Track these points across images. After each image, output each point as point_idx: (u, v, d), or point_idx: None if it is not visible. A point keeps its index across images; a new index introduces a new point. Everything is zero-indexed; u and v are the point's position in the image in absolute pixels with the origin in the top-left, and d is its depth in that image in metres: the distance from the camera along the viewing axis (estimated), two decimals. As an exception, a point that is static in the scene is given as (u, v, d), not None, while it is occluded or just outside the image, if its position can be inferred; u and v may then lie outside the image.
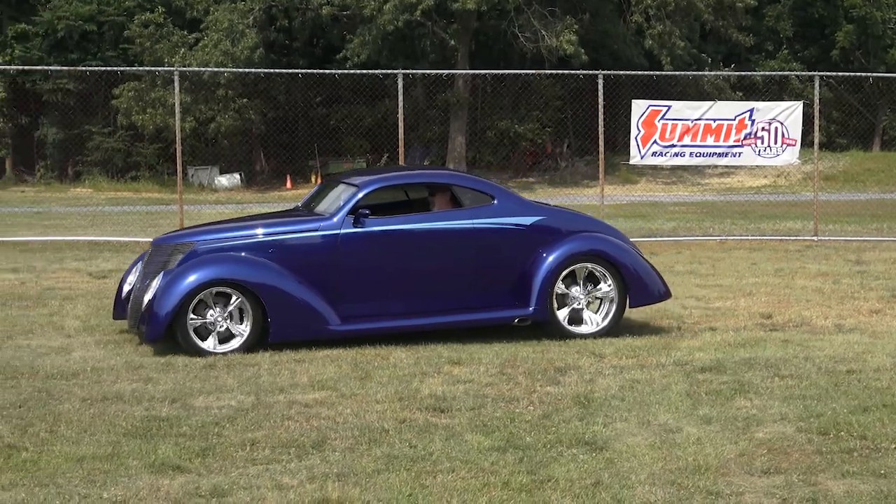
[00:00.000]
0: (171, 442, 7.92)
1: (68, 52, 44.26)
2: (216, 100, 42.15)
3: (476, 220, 11.94)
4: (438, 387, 9.58)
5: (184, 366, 10.43)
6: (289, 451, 7.73)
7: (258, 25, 41.85)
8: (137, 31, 43.12)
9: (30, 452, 7.68)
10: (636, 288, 12.15)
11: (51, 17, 44.14)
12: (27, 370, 10.24)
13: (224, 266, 11.32)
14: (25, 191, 40.69)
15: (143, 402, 9.07)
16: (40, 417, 8.59)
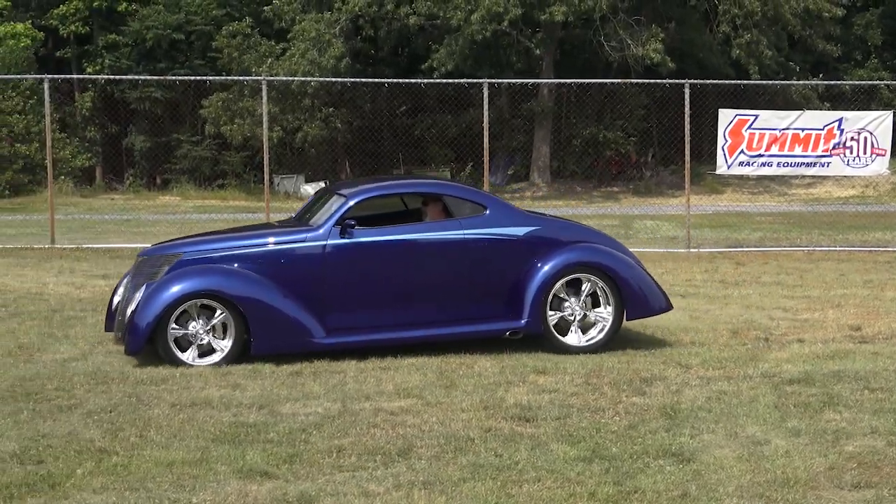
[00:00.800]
0: (259, 448, 7.99)
1: (156, 62, 44.84)
2: (302, 109, 42.47)
3: (467, 231, 11.72)
4: (524, 396, 9.58)
5: (271, 373, 10.52)
6: (375, 459, 7.76)
7: (344, 35, 42.10)
8: (225, 42, 43.59)
9: (120, 457, 7.78)
10: (633, 300, 11.86)
11: (140, 27, 44.74)
12: (117, 375, 10.39)
13: (205, 278, 11.18)
14: (115, 198, 41.24)
15: (231, 407, 9.16)
16: (130, 422, 8.71)
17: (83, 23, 46.39)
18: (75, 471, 7.43)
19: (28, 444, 8.07)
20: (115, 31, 46.14)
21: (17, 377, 10.27)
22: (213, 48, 44.35)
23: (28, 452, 7.86)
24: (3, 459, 7.69)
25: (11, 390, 9.77)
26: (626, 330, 12.63)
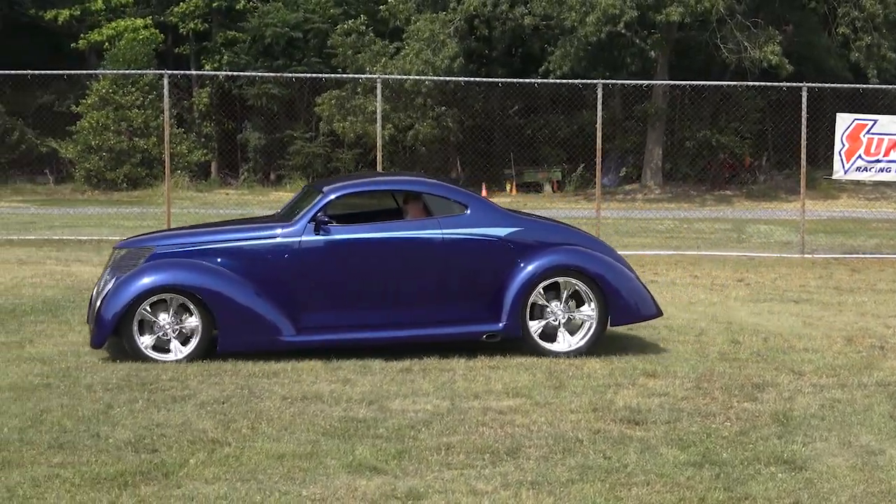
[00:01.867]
0: (368, 443, 8.04)
1: (274, 59, 45.32)
2: (415, 108, 42.65)
3: (446, 230, 11.45)
4: (633, 399, 9.52)
5: (381, 369, 10.58)
6: (483, 457, 7.77)
7: (458, 35, 42.19)
8: (339, 41, 43.93)
9: (232, 448, 7.89)
10: (618, 305, 11.50)
11: (258, 24, 45.27)
12: (230, 367, 10.53)
13: (172, 272, 11.05)
14: (229, 193, 41.80)
15: (341, 402, 9.24)
16: (242, 414, 8.82)
17: (202, 20, 47.07)
18: (188, 460, 7.55)
19: (143, 432, 8.22)
20: (234, 29, 46.73)
21: (134, 367, 10.46)
22: (329, 46, 44.71)
23: (143, 441, 8.00)
24: (119, 447, 7.84)
25: (127, 380, 9.96)
26: (737, 334, 12.50)
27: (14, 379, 9.90)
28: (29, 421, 8.47)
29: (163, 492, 6.94)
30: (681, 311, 14.35)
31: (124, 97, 42.54)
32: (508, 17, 42.10)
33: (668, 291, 16.24)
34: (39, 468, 7.33)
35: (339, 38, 43.94)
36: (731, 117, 44.71)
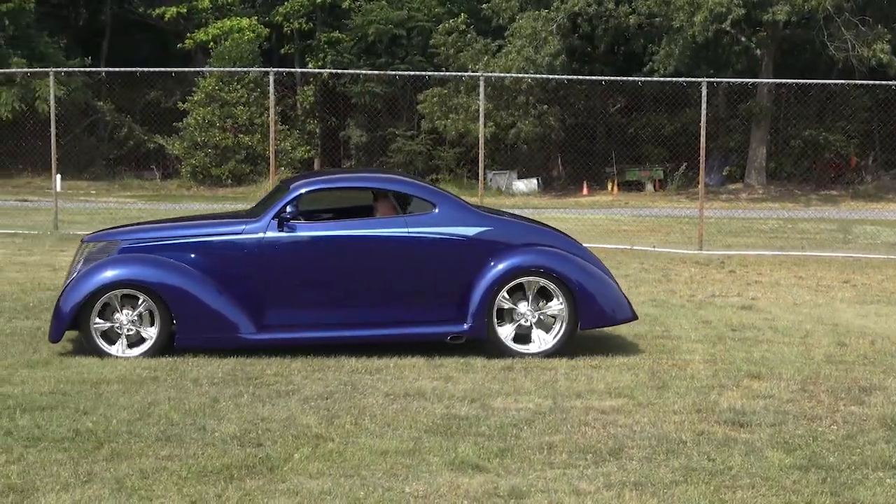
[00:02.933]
0: (471, 441, 8.05)
1: (377, 57, 45.59)
2: (516, 106, 42.63)
3: (412, 229, 11.24)
4: (737, 400, 9.42)
5: (483, 366, 10.60)
6: (586, 457, 7.74)
7: (561, 33, 42.07)
8: (441, 40, 44.04)
9: (336, 443, 7.95)
10: (587, 308, 11.23)
11: (362, 22, 45.56)
12: (333, 363, 10.60)
13: (130, 267, 10.96)
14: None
15: (443, 399, 9.26)
16: (346, 410, 8.88)
17: (307, 19, 47.49)
18: (293, 455, 7.62)
19: (248, 426, 8.32)
20: (338, 27, 47.09)
21: (239, 362, 10.58)
22: (431, 44, 44.86)
23: (248, 435, 8.10)
24: (225, 441, 7.94)
25: (233, 374, 10.09)
26: (843, 336, 12.32)
27: (123, 372, 10.07)
28: (137, 414, 8.61)
29: (268, 486, 7.01)
30: (785, 313, 14.18)
31: (230, 94, 43.06)
32: (612, 15, 41.88)
33: (773, 292, 16.06)
34: (147, 460, 7.45)
35: (441, 38, 44.07)
36: (837, 116, 44.08)
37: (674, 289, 16.32)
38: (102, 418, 8.44)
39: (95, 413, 8.59)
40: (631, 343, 11.91)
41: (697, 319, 13.55)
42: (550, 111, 43.26)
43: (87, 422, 8.32)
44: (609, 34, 43.58)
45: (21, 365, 10.26)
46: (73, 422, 8.31)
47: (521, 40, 41.69)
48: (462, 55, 43.46)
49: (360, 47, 46.14)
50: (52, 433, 8.00)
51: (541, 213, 30.14)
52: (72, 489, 6.85)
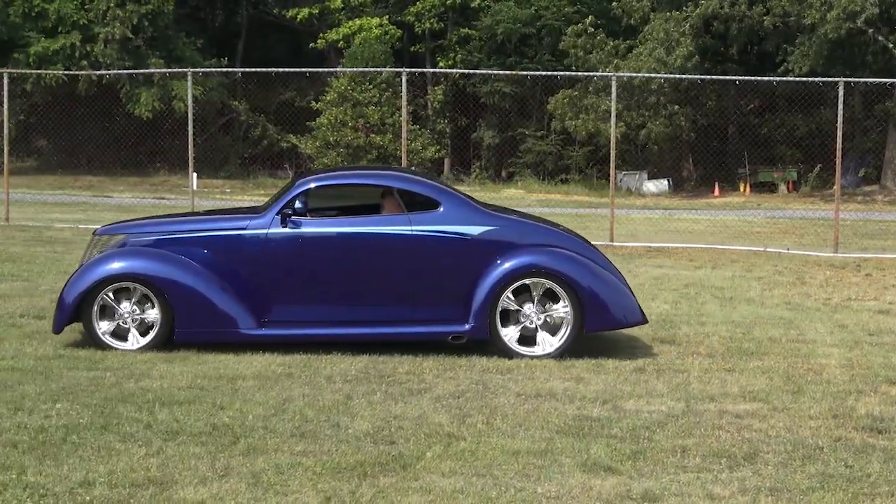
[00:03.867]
0: (603, 443, 8.02)
1: (506, 56, 45.63)
2: (647, 106, 42.33)
3: (415, 227, 11.13)
4: (875, 406, 9.23)
5: (614, 368, 10.54)
6: (720, 461, 7.66)
7: (693, 33, 41.65)
8: (571, 42, 43.91)
9: (468, 442, 7.97)
10: (593, 310, 10.99)
11: (491, 22, 45.63)
12: (465, 363, 10.64)
13: (132, 260, 11.05)
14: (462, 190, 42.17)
15: (574, 401, 9.24)
16: (477, 409, 8.91)
17: (438, 18, 47.71)
18: (425, 453, 7.66)
19: (381, 424, 8.38)
20: (468, 27, 47.22)
21: (372, 360, 10.67)
22: (560, 45, 44.75)
23: (381, 433, 8.16)
24: (358, 438, 8.01)
25: (365, 372, 10.18)
26: None
27: (258, 368, 10.23)
28: (272, 409, 8.73)
29: (401, 483, 7.06)
30: (925, 318, 13.87)
31: (362, 94, 43.42)
32: (746, 15, 41.33)
33: (912, 297, 15.73)
34: (283, 456, 7.55)
35: (571, 40, 43.91)
36: (979, 117, 42.93)
37: (808, 292, 16.06)
38: (239, 413, 8.58)
39: (232, 408, 8.73)
40: (765, 346, 11.75)
41: (833, 323, 13.32)
42: (682, 111, 42.86)
43: (224, 416, 8.47)
44: (743, 34, 43.03)
45: (160, 360, 10.48)
46: (210, 416, 8.47)
47: (654, 42, 41.38)
48: (591, 56, 43.28)
49: (490, 47, 46.20)
50: (189, 427, 8.16)
51: (671, 214, 29.95)
52: (209, 483, 6.97)
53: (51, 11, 42.54)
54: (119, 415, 8.42)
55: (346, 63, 44.57)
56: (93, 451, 7.51)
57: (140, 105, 42.13)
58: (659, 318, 13.28)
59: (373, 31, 45.76)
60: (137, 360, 10.45)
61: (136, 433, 7.95)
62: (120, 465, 7.22)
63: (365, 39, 45.13)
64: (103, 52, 42.44)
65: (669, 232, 25.22)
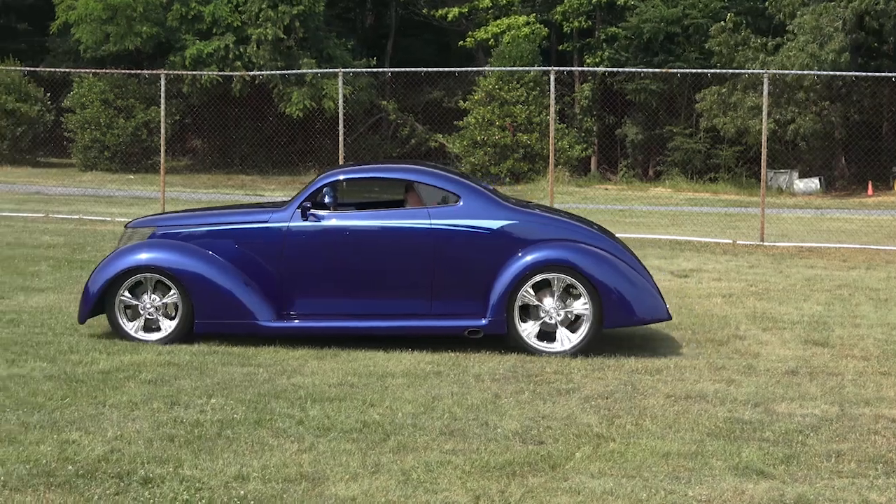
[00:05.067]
0: (755, 446, 7.91)
1: (653, 55, 45.26)
2: (796, 102, 41.58)
3: (434, 221, 11.10)
4: None
5: (766, 370, 10.39)
6: (876, 467, 7.50)
7: (846, 29, 40.79)
8: (717, 40, 43.35)
9: (617, 443, 7.94)
10: (612, 306, 10.87)
11: (638, 21, 45.33)
12: (613, 363, 10.59)
13: (153, 252, 11.24)
14: (608, 188, 42.00)
15: (725, 403, 9.13)
16: (626, 410, 8.86)
17: (586, 17, 47.56)
18: (574, 454, 7.65)
19: (529, 423, 8.39)
20: (615, 25, 46.99)
21: (519, 359, 10.69)
22: (707, 42, 44.23)
23: (529, 432, 8.17)
24: (507, 437, 8.03)
25: (514, 371, 10.20)
26: None
27: (407, 366, 10.31)
28: (421, 407, 8.80)
29: (550, 483, 7.06)
30: None
31: (509, 93, 43.46)
32: (901, 9, 40.35)
33: None
34: (432, 454, 7.60)
35: (717, 38, 43.34)
36: None
37: (968, 294, 15.62)
38: (388, 410, 8.67)
39: (382, 405, 8.82)
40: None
41: None
42: (833, 108, 42.01)
43: (374, 413, 8.56)
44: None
45: (311, 357, 10.63)
46: (360, 413, 8.56)
47: (805, 36, 40.63)
48: (738, 54, 42.66)
49: (637, 45, 45.87)
50: (340, 423, 8.26)
51: (823, 213, 29.38)
52: (360, 479, 7.05)
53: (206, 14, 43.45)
54: (272, 410, 8.57)
55: (493, 62, 44.66)
56: (246, 446, 7.66)
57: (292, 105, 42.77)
58: (811, 320, 13.06)
59: (521, 29, 45.78)
60: (289, 356, 10.63)
61: (288, 429, 8.09)
62: (273, 460, 7.36)
63: (513, 38, 45.18)
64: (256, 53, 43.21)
65: (821, 232, 24.74)
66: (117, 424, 8.09)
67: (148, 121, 43.20)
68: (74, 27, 43.43)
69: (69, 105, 43.87)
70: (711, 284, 16.04)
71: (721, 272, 17.42)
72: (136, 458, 7.28)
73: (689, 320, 12.88)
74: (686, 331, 12.32)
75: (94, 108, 43.09)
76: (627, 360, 10.71)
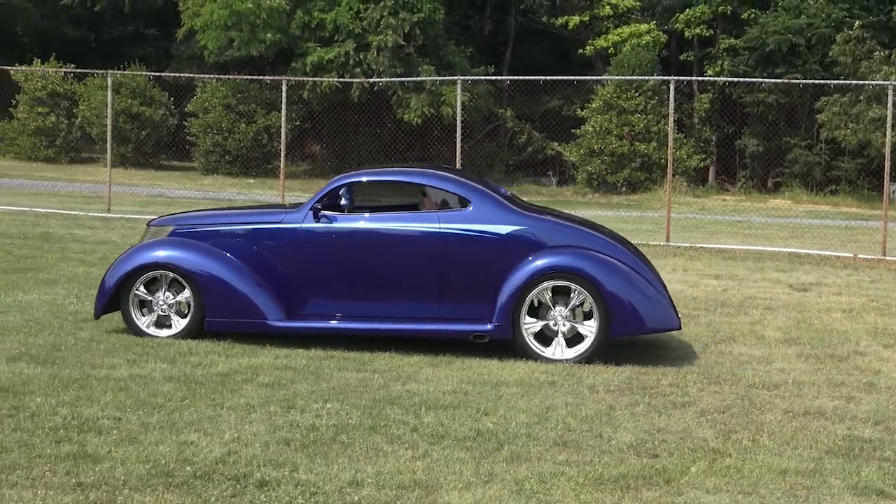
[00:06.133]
0: (874, 465, 7.77)
1: (774, 66, 44.64)
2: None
3: (443, 225, 11.18)
4: None
5: (886, 387, 10.20)
6: None
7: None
8: (840, 50, 42.62)
9: (733, 459, 7.85)
10: (619, 314, 10.85)
11: (759, 32, 44.75)
12: (729, 377, 10.47)
13: (165, 250, 11.53)
14: (726, 199, 41.53)
15: (845, 420, 8.98)
16: (743, 425, 8.76)
17: (707, 26, 47.12)
18: (689, 468, 7.58)
19: (644, 436, 8.34)
20: (737, 35, 46.47)
21: (634, 370, 10.63)
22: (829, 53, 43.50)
23: (644, 445, 8.12)
24: (621, 450, 7.99)
25: (628, 382, 10.14)
26: None
27: (521, 375, 10.31)
28: (535, 417, 8.79)
29: (664, 498, 7.01)
30: None
31: (627, 102, 43.20)
32: None
33: None
34: (545, 464, 7.59)
35: (840, 48, 42.61)
36: None
37: None
38: (502, 420, 8.67)
39: (495, 414, 8.83)
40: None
41: None
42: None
43: (488, 422, 8.57)
44: None
45: (426, 364, 10.68)
46: (474, 421, 8.58)
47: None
48: (862, 65, 41.89)
49: (758, 56, 45.29)
50: (454, 431, 8.28)
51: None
52: (473, 488, 7.07)
53: (328, 21, 43.84)
54: (386, 416, 8.63)
55: (612, 71, 44.41)
56: (361, 452, 7.72)
57: (410, 111, 42.96)
58: (935, 338, 12.80)
59: (642, 38, 45.49)
60: (404, 362, 10.69)
61: (402, 435, 8.13)
62: (387, 466, 7.40)
63: (633, 47, 44.91)
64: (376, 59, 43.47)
65: (947, 247, 24.18)
66: (234, 427, 8.21)
67: (268, 126, 43.71)
68: (199, 33, 44.10)
69: (192, 109, 44.54)
70: (831, 299, 15.79)
71: (841, 286, 17.13)
72: (253, 461, 7.38)
73: (808, 335, 12.70)
74: (805, 346, 12.15)
75: (216, 112, 43.71)
76: (744, 374, 10.59)
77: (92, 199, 29.48)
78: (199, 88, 44.81)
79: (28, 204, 27.07)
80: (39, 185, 34.08)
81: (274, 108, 43.09)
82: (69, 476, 6.94)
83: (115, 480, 6.90)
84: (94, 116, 43.87)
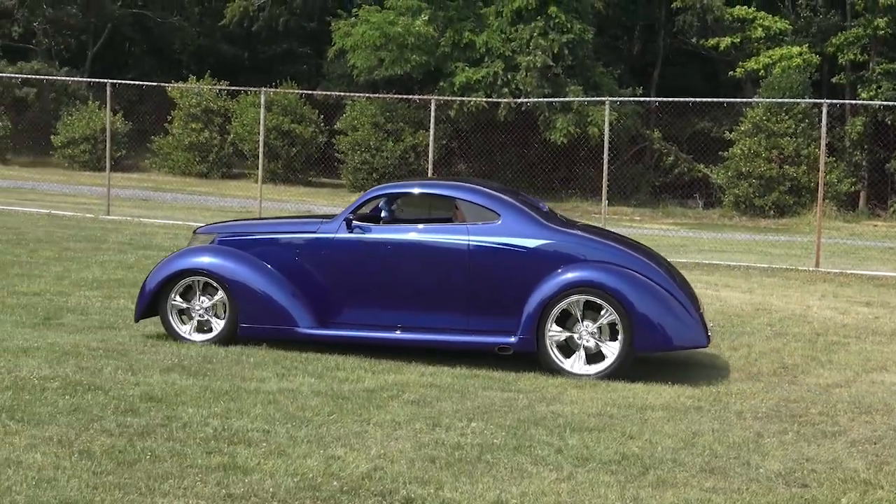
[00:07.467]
0: None
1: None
2: None
3: (472, 237, 11.29)
4: None
5: None
6: None
7: None
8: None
9: (885, 491, 7.69)
10: (644, 329, 10.84)
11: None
12: (881, 406, 10.27)
13: (202, 257, 11.88)
14: (878, 225, 40.67)
15: None
16: (895, 457, 8.57)
17: (861, 50, 46.24)
18: (839, 499, 7.45)
19: (793, 465, 8.21)
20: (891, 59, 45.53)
21: (782, 397, 10.48)
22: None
23: (793, 474, 7.99)
24: (769, 478, 7.87)
25: (776, 409, 10.00)
26: None
27: (667, 399, 10.24)
28: (681, 442, 8.72)
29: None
30: None
31: (776, 125, 42.60)
32: None
33: None
34: (692, 491, 7.52)
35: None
36: None
37: None
38: (648, 444, 8.62)
39: (641, 438, 8.78)
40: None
41: None
42: None
43: (633, 446, 8.53)
44: None
45: (570, 385, 10.67)
46: (619, 445, 8.54)
47: None
48: None
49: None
50: (599, 454, 8.26)
51: None
52: (618, 511, 7.04)
53: (479, 43, 44.08)
54: (531, 437, 8.64)
55: (762, 93, 43.83)
56: (506, 472, 7.74)
57: (556, 131, 42.94)
58: None
59: (793, 60, 44.80)
60: (549, 383, 10.70)
61: (547, 457, 8.14)
62: (532, 487, 7.41)
63: (784, 69, 44.25)
64: (524, 79, 43.56)
65: None
66: (381, 443, 8.29)
67: (415, 144, 44.10)
68: (350, 53, 44.68)
69: (341, 127, 45.15)
70: None
71: None
72: (399, 478, 7.45)
73: None
74: (961, 377, 11.85)
75: (364, 130, 44.22)
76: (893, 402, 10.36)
77: (243, 214, 30.04)
78: (349, 106, 45.40)
79: (182, 217, 27.73)
80: (192, 200, 34.91)
81: (421, 126, 43.43)
82: (219, 487, 7.08)
83: (264, 492, 7.02)
84: (246, 133, 44.77)
